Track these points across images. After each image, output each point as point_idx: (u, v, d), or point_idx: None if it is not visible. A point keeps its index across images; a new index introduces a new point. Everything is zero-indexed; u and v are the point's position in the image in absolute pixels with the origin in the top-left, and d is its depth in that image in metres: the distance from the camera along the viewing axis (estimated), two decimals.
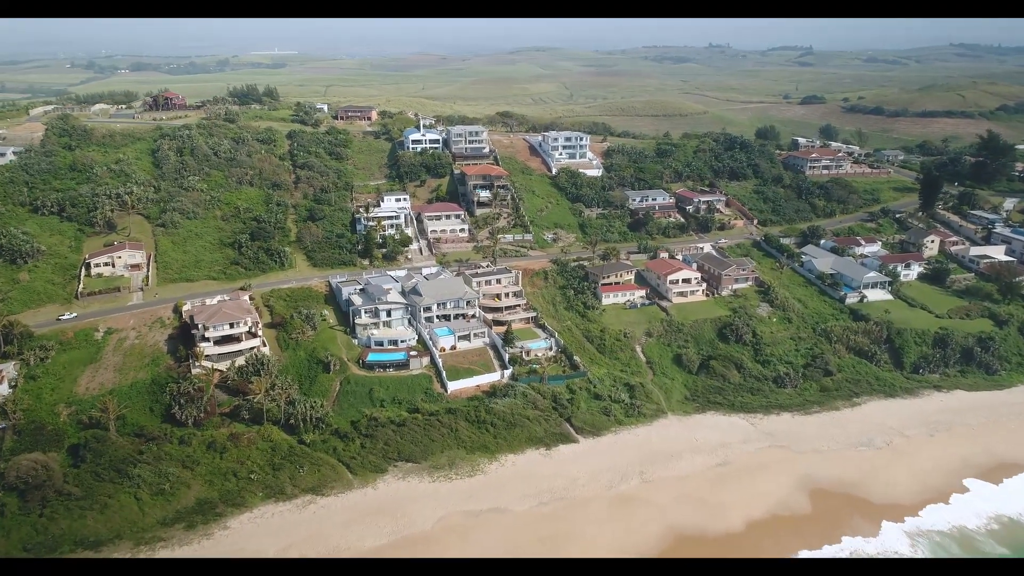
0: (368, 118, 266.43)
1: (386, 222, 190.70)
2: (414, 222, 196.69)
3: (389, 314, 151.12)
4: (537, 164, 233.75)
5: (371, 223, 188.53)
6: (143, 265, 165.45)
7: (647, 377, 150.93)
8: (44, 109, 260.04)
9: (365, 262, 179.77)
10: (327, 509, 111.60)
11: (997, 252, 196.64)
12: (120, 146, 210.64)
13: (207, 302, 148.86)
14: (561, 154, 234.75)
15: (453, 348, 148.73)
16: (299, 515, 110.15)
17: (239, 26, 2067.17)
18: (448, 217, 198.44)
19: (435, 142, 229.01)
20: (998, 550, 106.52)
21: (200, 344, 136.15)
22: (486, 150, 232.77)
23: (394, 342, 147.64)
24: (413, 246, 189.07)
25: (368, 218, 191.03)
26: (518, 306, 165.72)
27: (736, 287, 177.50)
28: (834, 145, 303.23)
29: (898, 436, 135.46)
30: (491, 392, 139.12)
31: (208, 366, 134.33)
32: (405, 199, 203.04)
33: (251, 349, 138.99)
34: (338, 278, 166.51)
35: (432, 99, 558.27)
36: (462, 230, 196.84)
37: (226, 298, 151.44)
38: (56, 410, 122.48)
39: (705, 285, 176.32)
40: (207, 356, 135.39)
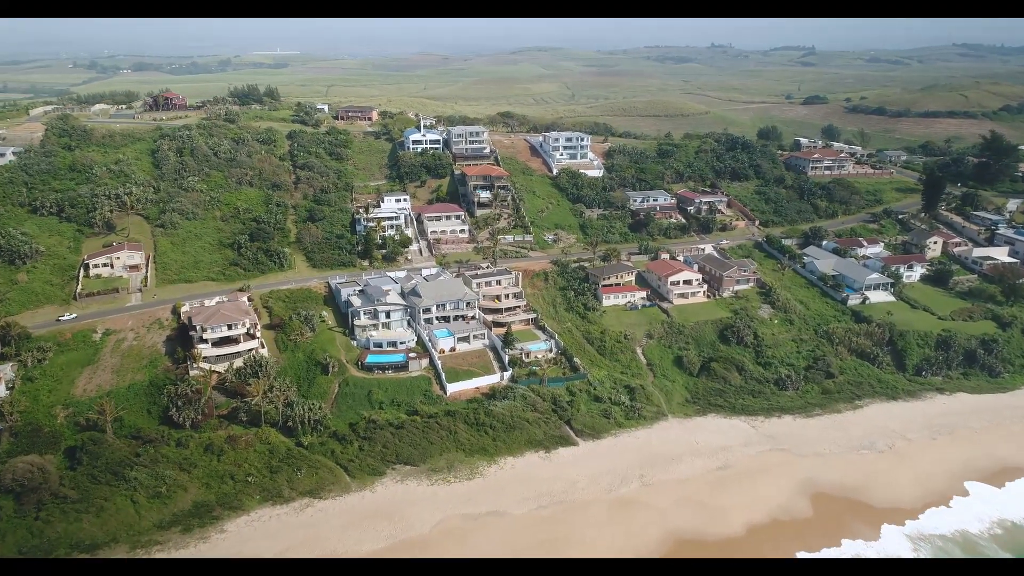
0: (369, 118, 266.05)
1: (386, 223, 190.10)
2: (414, 223, 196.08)
3: (388, 315, 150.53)
4: (538, 164, 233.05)
5: (371, 224, 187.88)
6: (142, 266, 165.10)
7: (647, 379, 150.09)
8: (44, 109, 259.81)
9: (365, 263, 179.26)
10: (325, 512, 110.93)
11: (1000, 253, 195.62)
12: (120, 146, 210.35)
13: (206, 303, 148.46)
14: (562, 154, 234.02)
15: (452, 350, 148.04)
16: (296, 518, 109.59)
17: (241, 26, 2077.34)
18: (448, 218, 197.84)
19: (435, 142, 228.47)
20: (1001, 554, 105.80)
21: (198, 346, 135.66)
22: (487, 150, 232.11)
23: (393, 344, 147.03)
24: (413, 247, 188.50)
25: (368, 219, 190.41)
26: (518, 307, 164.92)
27: (737, 288, 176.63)
28: (836, 145, 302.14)
29: (900, 439, 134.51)
30: (490, 394, 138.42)
31: (206, 368, 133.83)
32: (405, 200, 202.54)
33: (249, 351, 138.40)
34: (337, 279, 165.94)
35: (433, 99, 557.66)
36: (462, 231, 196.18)
37: (225, 299, 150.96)
38: (53, 412, 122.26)
39: (706, 286, 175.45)
40: (205, 358, 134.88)
